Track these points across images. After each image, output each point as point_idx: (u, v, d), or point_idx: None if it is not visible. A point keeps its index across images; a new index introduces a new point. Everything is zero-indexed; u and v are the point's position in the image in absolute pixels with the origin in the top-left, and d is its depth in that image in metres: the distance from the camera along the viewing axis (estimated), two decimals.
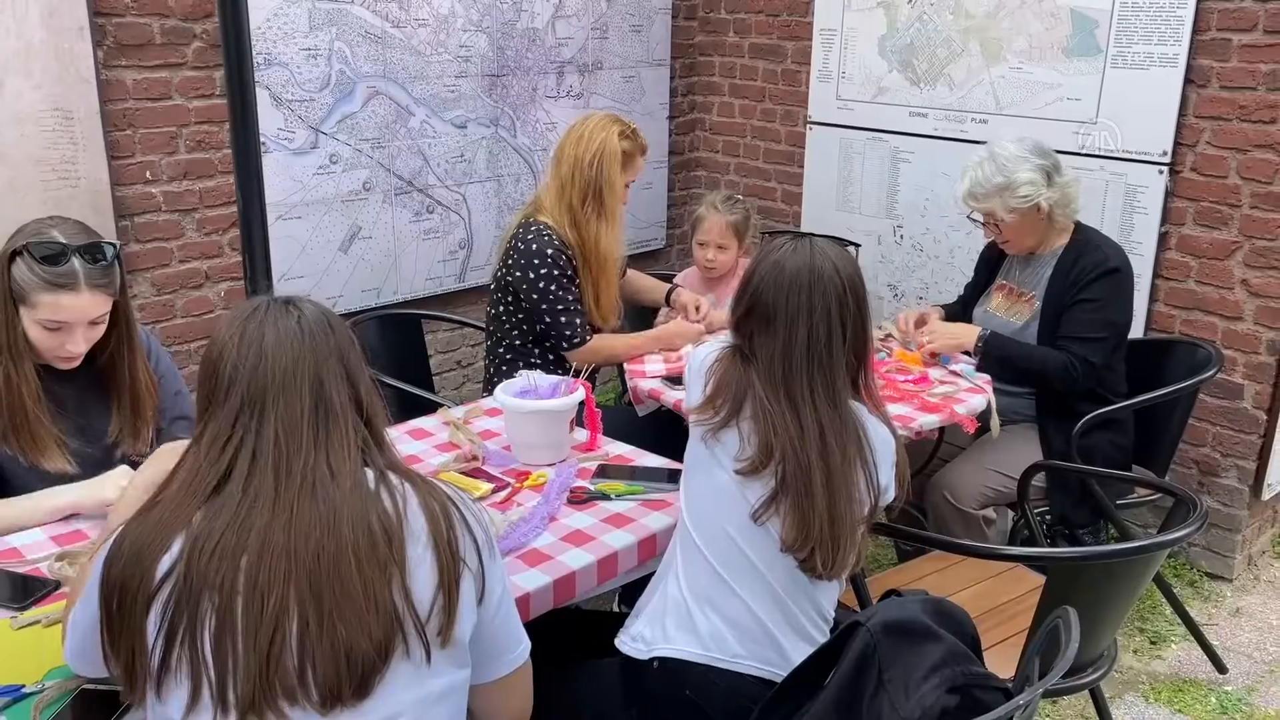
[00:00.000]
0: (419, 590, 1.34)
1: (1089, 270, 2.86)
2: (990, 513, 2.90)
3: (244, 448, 1.32)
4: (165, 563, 1.28)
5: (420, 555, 1.35)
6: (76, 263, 1.90)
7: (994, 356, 2.92)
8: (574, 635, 2.08)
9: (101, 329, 2.00)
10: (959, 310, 3.22)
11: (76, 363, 2.00)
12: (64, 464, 2.00)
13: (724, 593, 1.81)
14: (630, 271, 3.38)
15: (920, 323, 3.08)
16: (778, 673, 1.79)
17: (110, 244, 1.97)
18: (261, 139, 2.83)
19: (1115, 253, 2.92)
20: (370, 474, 1.38)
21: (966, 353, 3.15)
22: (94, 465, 2.03)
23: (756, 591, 1.80)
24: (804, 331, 1.76)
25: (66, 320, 1.92)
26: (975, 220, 2.99)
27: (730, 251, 3.36)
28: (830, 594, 1.88)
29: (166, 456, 1.70)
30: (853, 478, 1.78)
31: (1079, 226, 2.97)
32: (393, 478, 1.39)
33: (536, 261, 2.92)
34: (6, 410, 1.97)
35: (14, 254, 1.90)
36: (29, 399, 1.96)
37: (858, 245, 3.96)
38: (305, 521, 1.29)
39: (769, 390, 1.77)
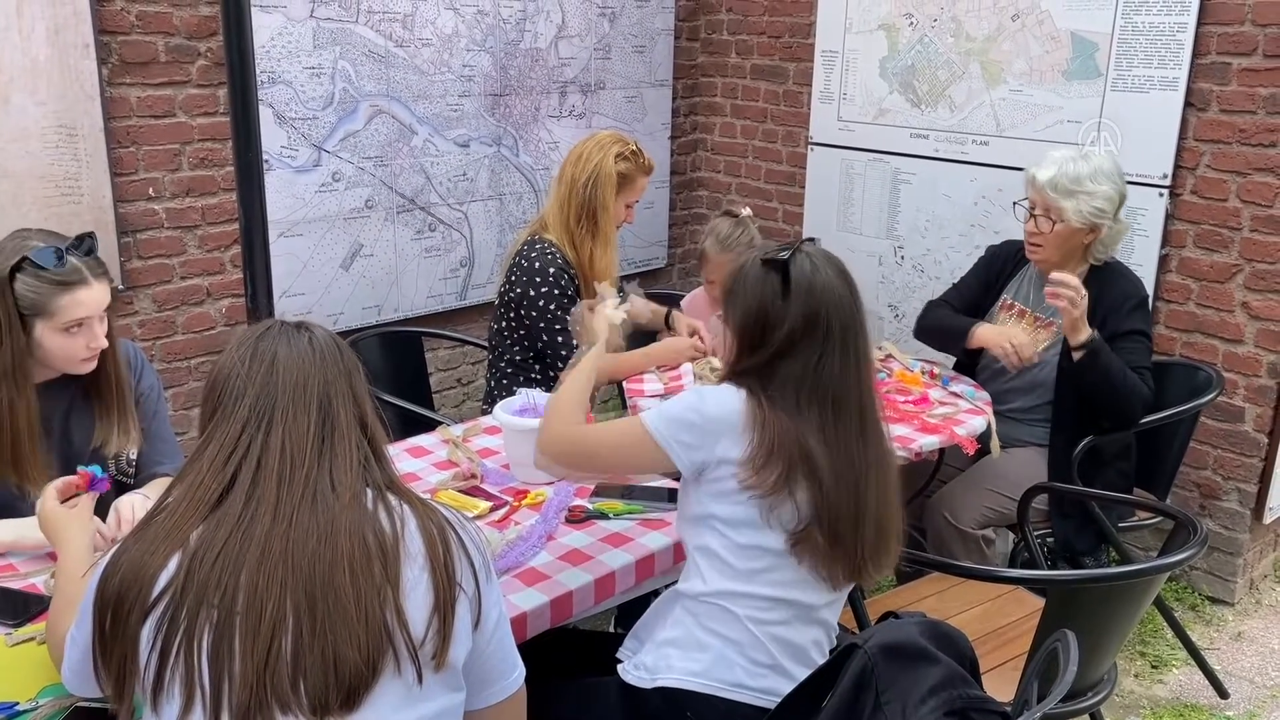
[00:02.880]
0: (413, 612, 1.34)
1: (1125, 298, 2.85)
2: (990, 533, 2.89)
3: (249, 458, 1.33)
4: (164, 578, 1.28)
5: (416, 577, 1.35)
6: (75, 258, 1.93)
7: (1099, 361, 2.73)
8: (571, 654, 2.07)
9: (106, 322, 2.02)
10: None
11: (95, 362, 2.02)
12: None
13: (729, 621, 1.79)
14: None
15: None
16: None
17: (90, 234, 2.00)
18: (264, 156, 2.86)
19: (1138, 282, 2.93)
20: (370, 493, 1.38)
21: (967, 369, 3.14)
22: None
23: (762, 620, 1.78)
24: (836, 361, 1.73)
25: (87, 315, 1.95)
26: (1022, 207, 2.93)
27: None
28: (835, 610, 1.87)
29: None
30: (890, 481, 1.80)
31: None
32: (392, 498, 1.40)
33: (539, 279, 2.93)
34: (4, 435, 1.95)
35: (12, 273, 1.90)
36: (24, 428, 1.96)
37: (814, 239, 3.91)
38: (304, 530, 1.30)
39: (819, 446, 1.69)
